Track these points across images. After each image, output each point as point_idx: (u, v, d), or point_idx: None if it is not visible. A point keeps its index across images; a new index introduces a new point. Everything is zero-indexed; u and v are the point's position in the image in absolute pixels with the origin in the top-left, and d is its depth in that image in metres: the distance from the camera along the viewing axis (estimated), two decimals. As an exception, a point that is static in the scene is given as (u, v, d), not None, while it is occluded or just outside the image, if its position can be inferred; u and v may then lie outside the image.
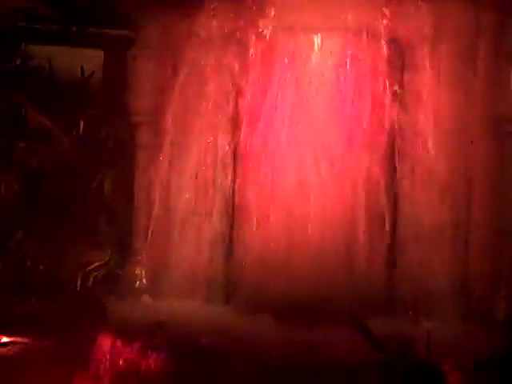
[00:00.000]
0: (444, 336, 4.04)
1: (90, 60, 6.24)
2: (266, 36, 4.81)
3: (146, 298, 5.34)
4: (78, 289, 5.58)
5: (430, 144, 4.76)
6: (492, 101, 4.77)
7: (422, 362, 3.24)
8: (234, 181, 5.23)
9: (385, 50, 4.73)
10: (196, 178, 5.30)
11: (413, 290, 4.80)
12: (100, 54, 6.33)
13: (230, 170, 5.26)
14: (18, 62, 5.29)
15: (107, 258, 5.78)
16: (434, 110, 4.77)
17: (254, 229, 4.98)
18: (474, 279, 4.82)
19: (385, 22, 4.68)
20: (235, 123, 5.18)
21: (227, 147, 5.23)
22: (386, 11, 4.66)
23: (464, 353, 3.96)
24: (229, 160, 5.26)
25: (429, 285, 4.76)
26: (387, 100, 4.78)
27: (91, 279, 5.68)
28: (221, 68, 5.12)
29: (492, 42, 4.78)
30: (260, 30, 4.83)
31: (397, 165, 4.87)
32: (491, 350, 3.71)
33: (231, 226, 5.25)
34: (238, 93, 5.13)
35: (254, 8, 4.84)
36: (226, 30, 5.07)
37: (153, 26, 5.41)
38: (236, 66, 5.07)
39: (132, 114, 5.55)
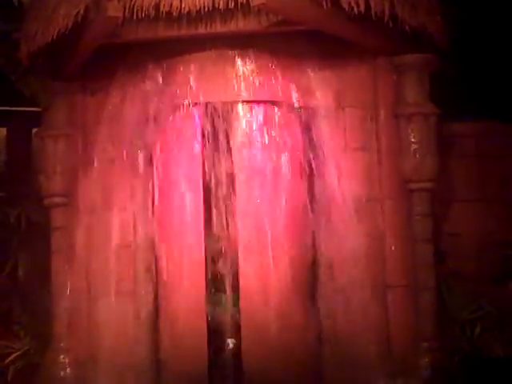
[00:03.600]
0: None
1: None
2: (179, 113, 4.81)
3: (72, 387, 5.12)
4: (-3, 385, 5.32)
5: (342, 207, 4.81)
6: (396, 161, 4.87)
7: None
8: (155, 256, 5.07)
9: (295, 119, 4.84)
10: (116, 257, 5.14)
11: (340, 359, 4.78)
12: (3, 132, 6.11)
13: (150, 247, 5.09)
14: None
15: (26, 348, 5.52)
16: (345, 174, 4.86)
17: (180, 308, 4.85)
18: (394, 338, 4.84)
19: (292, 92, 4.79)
20: (152, 199, 5.06)
21: (145, 226, 5.08)
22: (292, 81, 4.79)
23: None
24: (148, 236, 5.09)
25: (355, 350, 4.73)
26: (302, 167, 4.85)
27: (10, 372, 5.43)
28: (133, 145, 5.04)
29: (390, 105, 4.91)
30: (174, 106, 4.84)
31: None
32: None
33: (157, 305, 5.06)
34: (152, 168, 5.05)
35: (167, 86, 4.84)
36: (136, 107, 5.01)
37: (60, 105, 5.26)
38: (149, 143, 5.01)
39: (44, 195, 5.34)
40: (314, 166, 4.86)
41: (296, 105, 4.81)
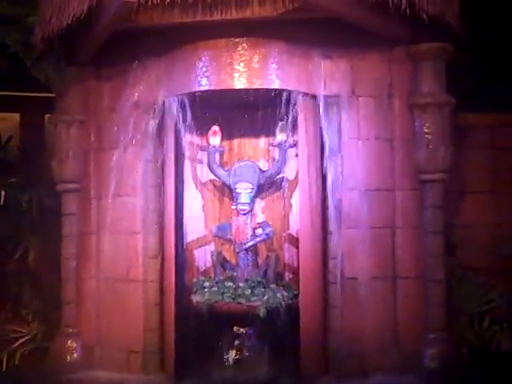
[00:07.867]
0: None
1: (5, 124, 6.01)
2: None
3: (79, 372, 5.10)
4: (4, 369, 5.33)
5: (354, 196, 4.83)
6: (409, 151, 4.86)
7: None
8: (162, 243, 5.08)
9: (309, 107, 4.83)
10: (125, 243, 5.15)
11: (348, 348, 4.77)
12: (16, 117, 6.10)
13: (157, 233, 5.10)
14: None
15: (34, 332, 5.55)
16: (358, 163, 4.86)
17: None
18: (402, 328, 4.83)
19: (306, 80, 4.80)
20: (159, 185, 5.08)
21: (154, 212, 5.09)
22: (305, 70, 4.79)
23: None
24: (155, 223, 5.10)
25: (362, 340, 4.75)
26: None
27: (18, 356, 5.44)
28: (144, 132, 5.03)
29: (405, 94, 4.88)
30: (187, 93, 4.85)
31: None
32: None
33: (162, 292, 5.06)
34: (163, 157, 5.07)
35: (181, 73, 4.85)
36: (150, 94, 5.02)
37: (73, 91, 5.29)
38: (156, 132, 5.02)
39: (56, 181, 5.36)
40: (327, 154, 4.84)
41: (309, 93, 4.78)
